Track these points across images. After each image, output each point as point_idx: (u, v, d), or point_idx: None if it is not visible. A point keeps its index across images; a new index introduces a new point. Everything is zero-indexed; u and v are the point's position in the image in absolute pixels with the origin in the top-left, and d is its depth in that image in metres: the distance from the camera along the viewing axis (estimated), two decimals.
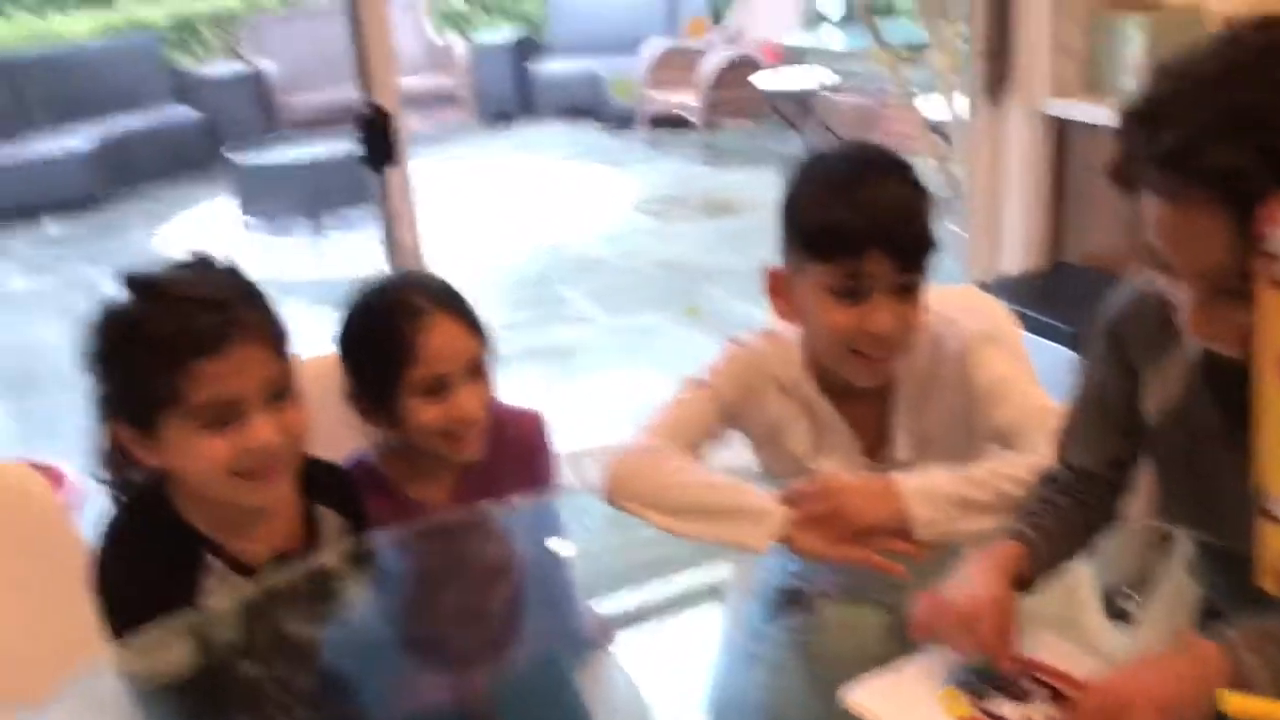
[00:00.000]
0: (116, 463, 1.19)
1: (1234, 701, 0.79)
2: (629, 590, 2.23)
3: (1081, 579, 1.20)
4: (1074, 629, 1.14)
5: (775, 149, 6.65)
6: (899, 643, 1.07)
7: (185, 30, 8.55)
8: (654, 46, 7.19)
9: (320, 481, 1.23)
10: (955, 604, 1.02)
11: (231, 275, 1.14)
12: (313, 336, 1.34)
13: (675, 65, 7.08)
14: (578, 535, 1.59)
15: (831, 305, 1.23)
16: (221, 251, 1.20)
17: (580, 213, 6.15)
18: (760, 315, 1.42)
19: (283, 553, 1.20)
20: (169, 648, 1.11)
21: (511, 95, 8.27)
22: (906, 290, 1.23)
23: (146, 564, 1.13)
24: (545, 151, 7.51)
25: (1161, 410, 1.07)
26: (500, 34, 8.59)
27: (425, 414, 1.31)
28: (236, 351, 1.08)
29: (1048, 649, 1.01)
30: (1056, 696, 0.96)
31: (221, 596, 1.15)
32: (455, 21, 9.06)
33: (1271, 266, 0.74)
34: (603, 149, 7.39)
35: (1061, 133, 2.43)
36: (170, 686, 1.12)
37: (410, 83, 8.08)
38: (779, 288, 1.31)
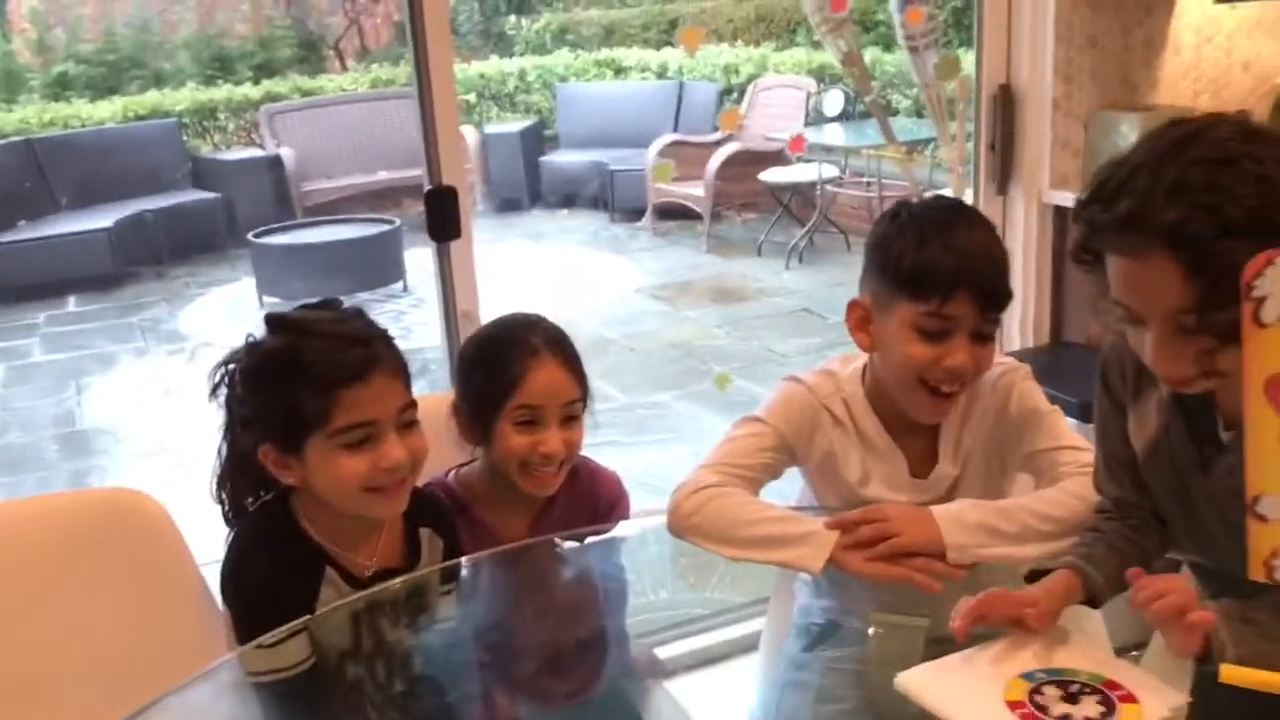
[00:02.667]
0: (237, 485, 1.35)
1: (1230, 672, 0.93)
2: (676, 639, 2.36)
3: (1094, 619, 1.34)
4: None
5: (779, 240, 6.90)
6: (938, 650, 1.21)
7: (204, 116, 8.85)
8: (662, 140, 7.47)
9: (422, 505, 1.38)
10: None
11: (364, 317, 1.31)
12: None
13: (682, 159, 7.36)
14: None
15: (914, 340, 1.35)
16: (244, 326, 1.37)
17: (591, 297, 6.35)
18: (766, 394, 1.56)
19: (389, 567, 1.35)
20: (289, 648, 1.25)
21: (521, 184, 8.54)
22: (984, 337, 1.37)
23: (273, 573, 1.28)
24: (555, 239, 7.76)
25: (1145, 445, 1.23)
26: (509, 125, 8.89)
27: (514, 441, 1.44)
28: (377, 381, 1.25)
29: (1117, 670, 1.12)
30: (1107, 707, 1.06)
31: (336, 604, 1.30)
32: (465, 112, 9.39)
33: (1254, 308, 0.91)
34: (611, 238, 7.64)
35: (1061, 220, 2.63)
36: (287, 682, 1.25)
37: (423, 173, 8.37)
38: (861, 320, 1.43)
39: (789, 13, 9.54)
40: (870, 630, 1.39)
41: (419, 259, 6.90)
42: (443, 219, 2.11)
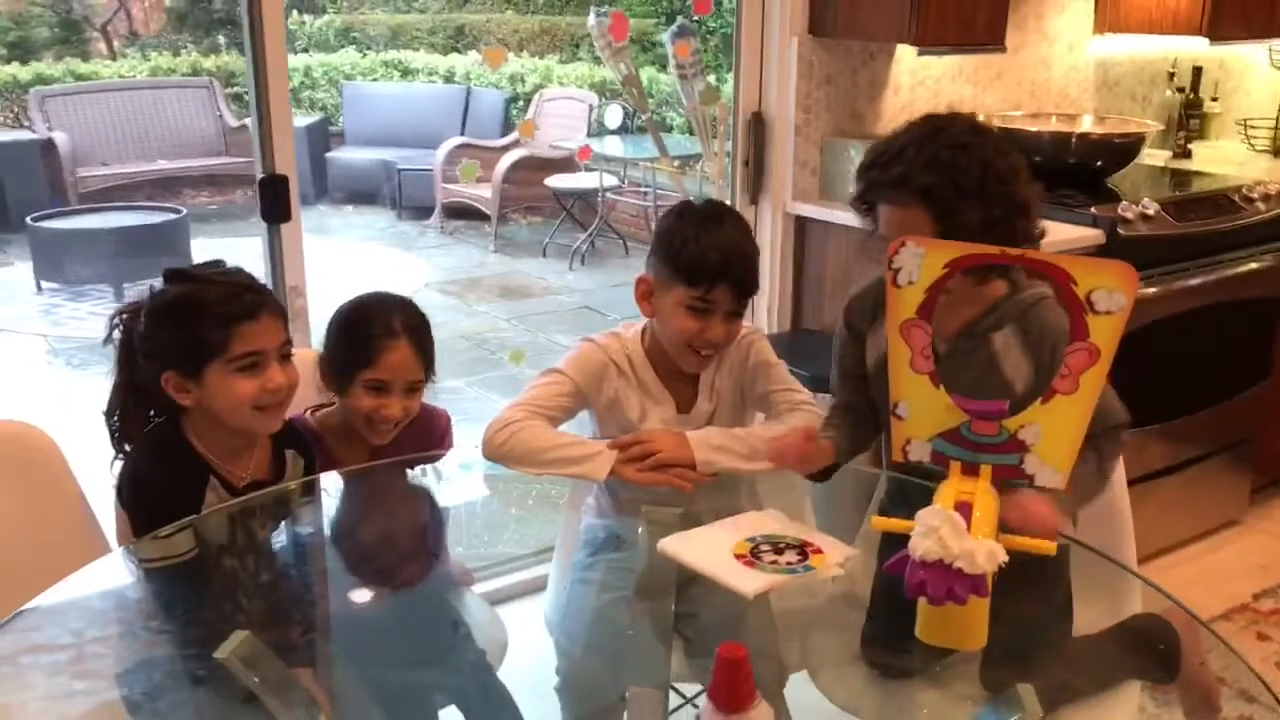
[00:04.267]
0: (131, 412, 1.63)
1: (875, 520, 1.39)
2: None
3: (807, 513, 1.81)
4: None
5: (562, 242, 7.32)
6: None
7: None
8: (451, 142, 7.78)
9: (289, 431, 1.70)
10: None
11: (247, 272, 1.63)
12: None
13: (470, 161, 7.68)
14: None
15: (684, 315, 1.76)
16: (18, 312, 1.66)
17: (382, 289, 6.56)
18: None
19: (260, 479, 1.66)
20: (179, 540, 1.54)
21: (307, 178, 8.61)
22: (735, 314, 1.79)
23: (169, 479, 1.57)
24: (343, 234, 7.91)
25: (876, 360, 1.69)
26: (296, 120, 8.89)
27: (362, 402, 1.76)
28: (265, 319, 1.57)
29: (813, 536, 1.57)
30: (802, 555, 1.52)
31: (216, 507, 1.60)
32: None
33: (893, 276, 1.37)
34: (399, 234, 7.86)
35: (801, 228, 3.16)
36: (176, 569, 1.55)
37: (209, 164, 8.37)
38: (645, 293, 1.83)
39: (572, 28, 10.01)
40: (642, 519, 1.78)
41: (203, 249, 6.95)
42: (275, 203, 2.40)
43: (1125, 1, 3.40)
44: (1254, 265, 3.08)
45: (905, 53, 3.22)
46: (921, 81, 3.31)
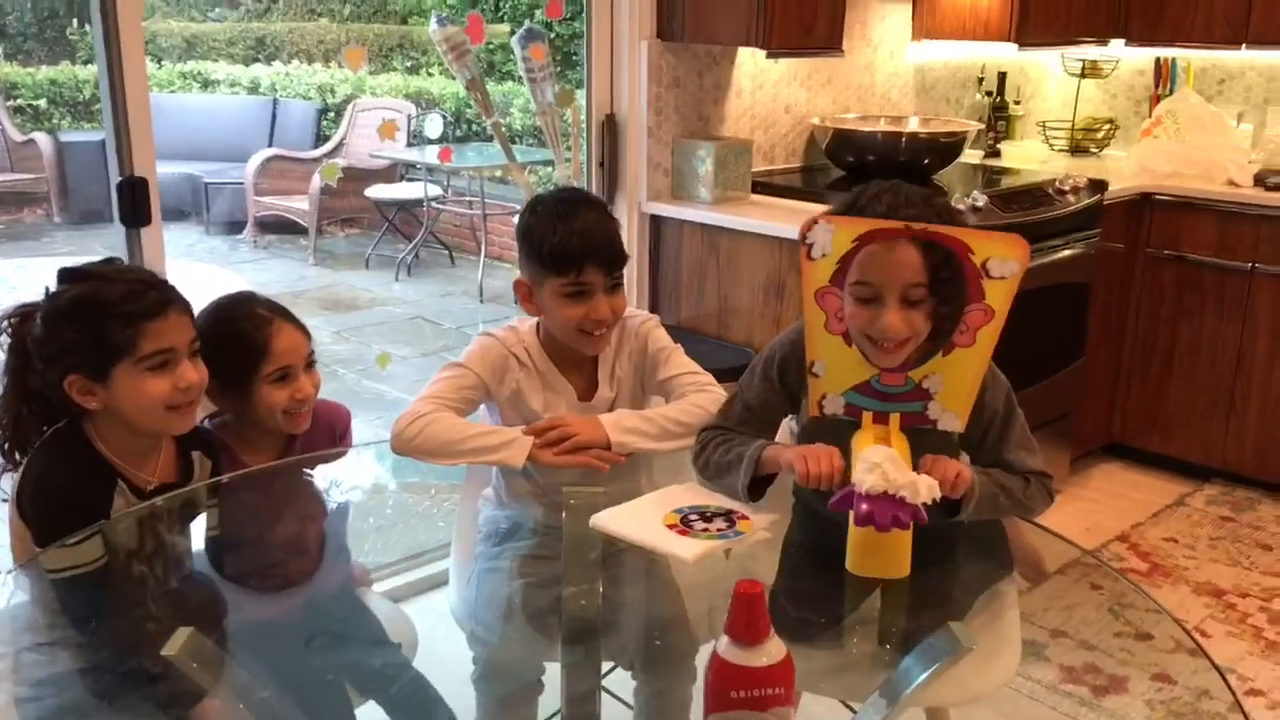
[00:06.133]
0: (24, 419, 1.55)
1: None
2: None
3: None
4: None
5: (385, 254, 7.20)
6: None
7: None
8: (262, 155, 7.54)
9: (195, 432, 1.65)
10: None
11: (146, 269, 1.57)
12: None
13: (283, 174, 7.47)
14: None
15: (565, 304, 1.80)
16: None
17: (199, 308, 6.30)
18: (389, 391, 1.95)
19: (167, 483, 1.60)
20: (87, 547, 1.48)
21: (104, 195, 8.13)
22: (614, 288, 1.83)
23: (74, 484, 1.50)
24: None
25: (815, 415, 1.61)
26: (91, 134, 8.46)
27: (274, 397, 1.74)
28: (173, 315, 1.52)
29: (737, 506, 1.62)
30: (729, 522, 1.57)
31: (126, 511, 1.54)
32: (38, 119, 8.82)
33: (807, 250, 1.45)
34: (209, 250, 7.56)
35: (656, 226, 3.24)
36: (83, 577, 1.48)
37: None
38: (525, 294, 1.86)
39: (380, 37, 9.86)
40: (565, 501, 1.79)
41: None
42: (134, 206, 2.30)
43: (941, 9, 3.64)
44: (1068, 252, 3.36)
45: (746, 57, 3.36)
46: (761, 85, 3.45)
